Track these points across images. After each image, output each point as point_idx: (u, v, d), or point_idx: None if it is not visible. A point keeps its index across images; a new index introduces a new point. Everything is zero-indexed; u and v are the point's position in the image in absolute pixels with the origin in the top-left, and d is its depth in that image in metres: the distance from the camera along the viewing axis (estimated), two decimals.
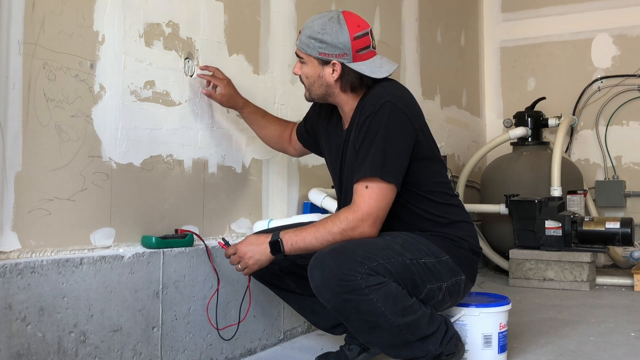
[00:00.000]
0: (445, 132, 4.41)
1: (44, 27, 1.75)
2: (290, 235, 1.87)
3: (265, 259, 1.90)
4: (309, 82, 2.00)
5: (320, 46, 1.93)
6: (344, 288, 1.73)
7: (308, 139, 2.29)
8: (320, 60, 1.95)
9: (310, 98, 2.05)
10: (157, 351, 1.96)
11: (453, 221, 2.00)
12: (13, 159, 1.67)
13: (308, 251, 1.85)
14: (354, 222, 1.82)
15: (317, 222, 1.89)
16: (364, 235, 1.83)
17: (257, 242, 1.91)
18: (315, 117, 2.22)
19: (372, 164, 1.84)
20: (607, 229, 3.63)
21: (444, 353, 1.88)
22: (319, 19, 1.95)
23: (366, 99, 1.94)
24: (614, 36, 4.81)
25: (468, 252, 2.01)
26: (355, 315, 1.78)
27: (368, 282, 1.74)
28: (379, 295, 1.75)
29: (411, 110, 1.94)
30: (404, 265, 1.83)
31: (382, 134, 1.86)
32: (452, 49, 4.65)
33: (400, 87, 2.00)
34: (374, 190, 1.83)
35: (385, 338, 1.82)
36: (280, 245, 1.86)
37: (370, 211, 1.82)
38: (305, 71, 1.99)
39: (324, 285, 1.76)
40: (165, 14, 2.15)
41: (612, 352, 2.33)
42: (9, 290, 1.58)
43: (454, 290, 1.97)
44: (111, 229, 1.94)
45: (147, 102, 2.07)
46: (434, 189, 1.99)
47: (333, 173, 2.15)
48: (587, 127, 4.88)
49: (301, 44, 1.97)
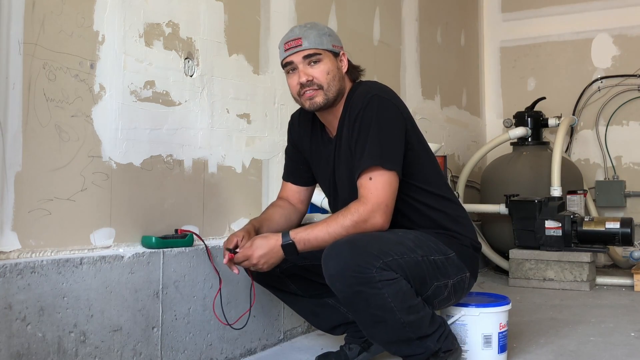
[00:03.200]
0: (445, 132, 4.41)
1: (44, 27, 1.75)
2: (302, 234, 1.86)
3: (278, 261, 1.90)
4: (329, 78, 1.95)
5: (331, 39, 1.97)
6: (358, 280, 1.74)
7: (300, 157, 2.19)
8: (334, 53, 1.97)
9: (326, 98, 1.95)
10: (157, 351, 1.96)
11: (453, 216, 2.02)
12: (13, 159, 1.67)
13: (321, 248, 1.85)
14: (365, 214, 1.82)
15: (326, 219, 1.88)
16: (376, 225, 1.83)
17: (268, 245, 1.87)
18: (297, 136, 2.17)
19: (370, 155, 1.85)
20: (607, 229, 3.63)
21: (442, 349, 1.89)
22: (309, 24, 1.98)
23: (352, 99, 1.96)
24: (614, 36, 4.81)
25: (470, 249, 2.03)
26: (363, 308, 1.79)
27: (382, 277, 1.75)
28: (389, 291, 1.76)
29: (398, 101, 1.98)
30: (415, 262, 1.84)
31: (375, 125, 1.88)
32: (452, 49, 4.65)
33: (381, 84, 2.04)
34: (378, 180, 1.84)
35: (388, 333, 1.83)
36: (294, 247, 1.86)
37: (379, 201, 1.83)
38: (324, 68, 1.94)
39: (338, 275, 1.76)
40: (165, 14, 2.15)
41: (612, 352, 2.33)
42: (9, 290, 1.58)
43: (459, 288, 1.99)
44: (111, 229, 1.94)
45: (147, 102, 2.07)
46: (430, 180, 2.01)
47: (324, 185, 2.14)
48: (587, 127, 4.88)
49: (313, 43, 1.93)
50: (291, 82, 1.98)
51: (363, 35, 3.42)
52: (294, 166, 2.21)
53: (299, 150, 2.18)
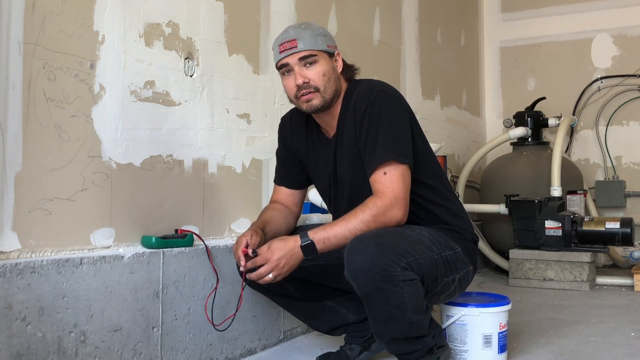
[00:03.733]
0: (445, 132, 4.41)
1: (44, 27, 1.75)
2: (321, 233, 1.84)
3: (298, 263, 1.88)
4: (326, 79, 1.93)
5: (326, 40, 1.96)
6: (383, 277, 1.75)
7: (294, 160, 2.17)
8: (329, 53, 1.95)
9: (323, 100, 1.95)
10: (157, 351, 1.96)
11: (454, 211, 2.04)
12: (13, 159, 1.67)
13: (340, 246, 1.85)
14: (383, 208, 1.83)
15: (344, 216, 1.86)
16: (395, 219, 1.84)
17: (286, 247, 1.84)
18: (290, 139, 2.16)
19: (384, 150, 1.86)
20: (607, 229, 3.63)
21: (437, 345, 1.92)
22: (303, 24, 1.97)
23: (354, 96, 1.95)
24: (614, 36, 4.81)
25: (471, 243, 2.06)
26: (381, 305, 1.80)
27: (404, 276, 1.77)
28: (408, 291, 1.78)
29: (401, 97, 1.99)
30: (432, 261, 1.87)
31: (385, 120, 1.89)
32: (452, 49, 4.65)
33: (383, 82, 2.04)
34: (393, 174, 1.85)
35: (395, 331, 1.85)
36: (313, 247, 1.84)
37: (396, 194, 1.84)
38: (320, 69, 1.93)
39: (363, 270, 1.76)
40: (165, 14, 2.15)
41: (612, 352, 2.33)
42: (9, 290, 1.58)
43: (464, 281, 2.02)
44: (111, 229, 1.94)
45: (147, 102, 2.07)
46: (432, 175, 2.03)
47: (322, 185, 2.12)
48: (587, 127, 4.88)
49: (308, 45, 1.91)
50: (287, 84, 1.96)
51: (363, 35, 3.42)
52: (286, 170, 2.19)
53: (292, 153, 2.16)
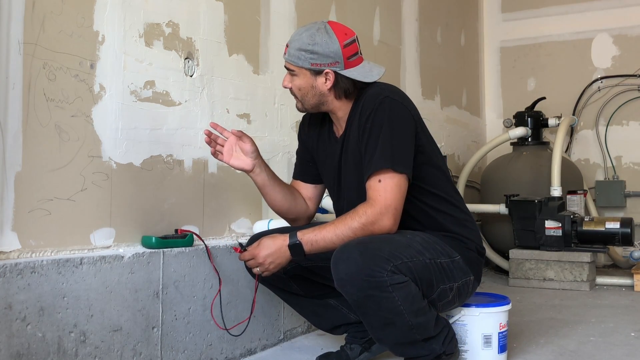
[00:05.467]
0: (445, 132, 4.41)
1: (44, 27, 1.75)
2: (309, 235, 1.85)
3: (285, 262, 1.90)
4: (302, 94, 1.99)
5: (312, 57, 1.93)
6: (370, 284, 1.74)
7: (308, 156, 2.19)
8: (313, 70, 1.95)
9: (304, 108, 2.04)
10: (157, 351, 1.96)
11: (459, 220, 2.02)
12: (13, 159, 1.67)
13: (328, 250, 1.84)
14: (373, 216, 1.82)
15: (334, 220, 1.88)
16: (384, 228, 1.83)
17: (274, 245, 1.88)
18: (305, 135, 2.19)
19: (381, 157, 1.85)
20: (607, 229, 3.63)
21: (446, 352, 1.91)
22: (306, 30, 1.95)
23: (363, 100, 1.95)
24: (614, 36, 4.81)
25: (475, 253, 2.03)
26: (374, 311, 1.79)
27: (392, 280, 1.75)
28: (400, 294, 1.77)
29: (409, 103, 1.97)
30: (423, 265, 1.85)
31: (387, 127, 1.88)
32: (452, 49, 4.65)
33: (393, 86, 2.03)
34: (388, 182, 1.84)
35: (396, 336, 1.84)
36: (301, 248, 1.86)
37: (388, 203, 1.83)
38: (297, 83, 1.98)
39: (349, 279, 1.76)
40: (165, 14, 2.15)
41: (612, 352, 2.33)
42: (9, 290, 1.58)
43: (463, 291, 1.99)
44: (111, 229, 1.94)
45: (147, 102, 2.07)
46: (439, 183, 2.01)
47: (329, 184, 2.14)
48: (587, 127, 4.88)
49: (290, 57, 1.96)
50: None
51: (363, 35, 3.42)
52: (302, 164, 2.23)
53: (307, 149, 2.20)
